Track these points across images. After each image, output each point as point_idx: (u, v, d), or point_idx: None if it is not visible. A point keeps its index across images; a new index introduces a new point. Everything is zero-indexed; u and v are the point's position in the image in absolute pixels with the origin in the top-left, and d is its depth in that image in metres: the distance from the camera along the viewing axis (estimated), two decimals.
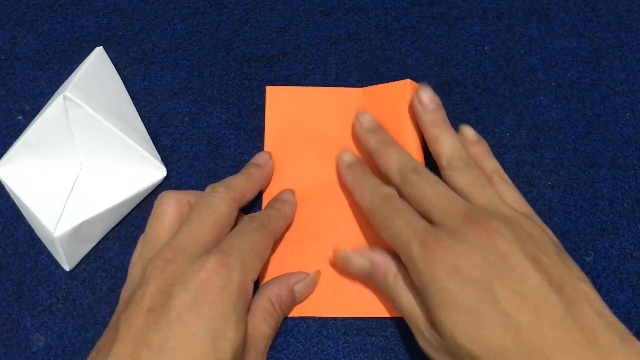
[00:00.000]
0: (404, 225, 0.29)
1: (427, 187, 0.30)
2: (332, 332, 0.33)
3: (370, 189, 0.32)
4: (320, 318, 0.34)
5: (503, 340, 0.25)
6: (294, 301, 0.33)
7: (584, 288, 0.26)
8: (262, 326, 0.30)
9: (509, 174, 0.35)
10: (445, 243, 0.27)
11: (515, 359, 0.24)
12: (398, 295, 0.30)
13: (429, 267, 0.27)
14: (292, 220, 0.35)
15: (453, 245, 0.27)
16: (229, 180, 0.32)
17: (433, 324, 0.27)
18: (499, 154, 0.37)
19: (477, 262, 0.26)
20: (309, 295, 0.33)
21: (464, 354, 0.26)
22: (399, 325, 0.33)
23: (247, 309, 0.28)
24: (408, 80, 0.36)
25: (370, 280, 0.32)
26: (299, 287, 0.33)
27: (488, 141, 0.37)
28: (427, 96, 0.33)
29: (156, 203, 0.31)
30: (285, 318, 0.33)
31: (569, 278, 0.26)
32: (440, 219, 0.28)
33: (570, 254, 0.35)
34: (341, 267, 0.33)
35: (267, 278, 0.34)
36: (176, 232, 0.28)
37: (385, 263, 0.31)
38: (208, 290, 0.25)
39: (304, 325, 0.33)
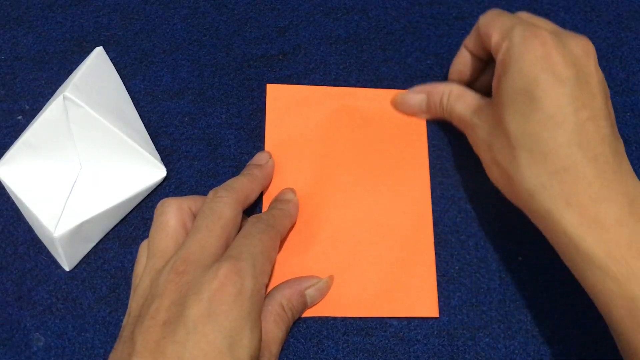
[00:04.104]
0: (514, 16, 0.31)
1: (542, 20, 0.33)
2: (332, 332, 0.33)
3: (498, 9, 0.33)
4: (320, 318, 0.34)
5: (545, 132, 0.28)
6: (305, 305, 0.33)
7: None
8: (274, 330, 0.30)
9: None
10: (549, 36, 0.29)
11: (545, 150, 0.28)
12: (452, 108, 0.34)
13: (524, 46, 0.29)
14: (296, 219, 0.35)
15: (555, 41, 0.29)
16: (231, 182, 0.32)
17: (490, 107, 0.32)
18: None
19: (567, 63, 0.29)
20: (320, 300, 0.33)
21: (502, 136, 0.30)
22: (399, 325, 0.33)
23: (260, 314, 0.28)
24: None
25: (428, 111, 0.37)
26: (310, 292, 0.32)
27: None
28: None
29: (157, 212, 0.30)
30: None
31: (615, 125, 0.30)
32: (549, 29, 0.31)
33: None
34: (401, 110, 0.37)
35: (270, 279, 0.33)
36: (184, 242, 0.28)
37: (438, 88, 0.35)
38: (222, 298, 0.25)
39: (304, 325, 0.33)
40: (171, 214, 0.30)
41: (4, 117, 0.38)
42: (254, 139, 0.37)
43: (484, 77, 0.36)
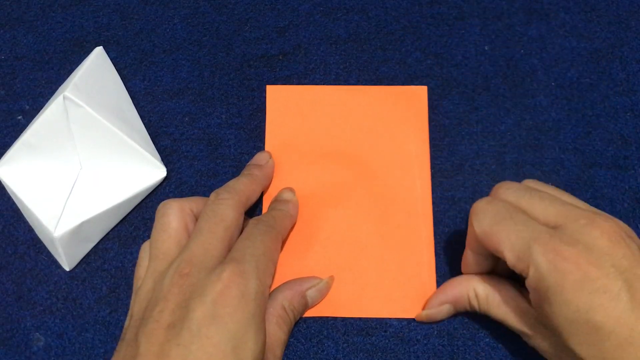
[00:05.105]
0: (522, 228, 0.27)
1: (537, 199, 0.29)
2: (332, 332, 0.33)
3: (485, 202, 0.30)
4: (320, 318, 0.34)
5: (622, 355, 0.25)
6: (306, 306, 0.33)
7: None
8: (277, 332, 0.30)
9: (509, 174, 0.35)
10: (575, 250, 0.26)
11: None
12: (488, 313, 0.31)
13: (557, 274, 0.26)
14: (296, 219, 0.35)
15: (583, 253, 0.26)
16: (232, 184, 0.32)
17: (547, 325, 0.27)
18: (499, 154, 0.37)
19: (609, 272, 0.25)
20: (321, 300, 0.33)
21: (576, 359, 0.26)
22: (399, 325, 0.33)
23: (264, 315, 0.28)
24: (425, 88, 0.38)
25: (459, 312, 0.33)
26: (311, 293, 0.32)
27: (488, 141, 0.37)
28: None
29: (159, 213, 0.30)
30: None
31: None
32: (559, 223, 0.27)
33: None
34: (429, 323, 0.33)
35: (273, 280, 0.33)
36: (187, 244, 0.28)
37: (461, 293, 0.32)
38: (226, 301, 0.25)
39: (304, 325, 0.33)
40: (173, 216, 0.30)
41: (4, 117, 0.38)
42: (254, 139, 0.37)
43: (499, 267, 0.32)
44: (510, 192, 0.30)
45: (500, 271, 0.32)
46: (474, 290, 0.31)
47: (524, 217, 0.28)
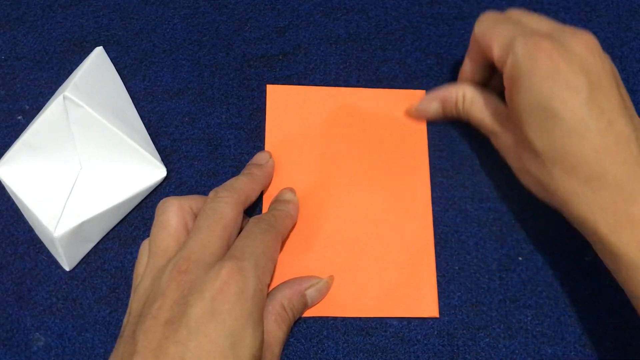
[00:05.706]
0: (513, 28, 0.31)
1: (536, 16, 0.32)
2: (332, 332, 0.33)
3: (489, 12, 0.33)
4: (320, 318, 0.34)
5: (571, 144, 0.28)
6: (306, 305, 0.33)
7: None
8: (275, 331, 0.30)
9: (509, 175, 0.35)
10: (552, 45, 0.29)
11: (574, 161, 0.28)
12: (469, 113, 0.35)
13: (530, 61, 0.29)
14: (297, 219, 0.35)
15: (558, 49, 0.29)
16: (232, 182, 0.32)
17: (510, 116, 0.32)
18: (499, 154, 0.37)
19: (576, 70, 0.28)
20: (321, 300, 0.33)
21: (529, 150, 0.30)
22: (399, 325, 0.34)
23: (263, 313, 0.28)
24: (424, 92, 0.38)
25: (446, 117, 0.37)
26: (310, 292, 0.32)
27: (488, 141, 0.37)
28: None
29: (158, 211, 0.30)
30: None
31: (634, 110, 0.30)
32: (547, 31, 0.31)
33: (570, 254, 0.35)
34: (418, 118, 0.37)
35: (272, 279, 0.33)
36: (186, 242, 0.28)
37: (451, 93, 0.35)
38: (225, 298, 0.25)
39: (304, 325, 0.33)
40: (172, 213, 0.30)
41: (4, 117, 0.38)
42: (254, 139, 0.37)
43: (494, 81, 0.36)
44: (515, 12, 0.33)
45: (490, 88, 0.36)
46: (463, 92, 0.35)
47: (518, 23, 0.31)
